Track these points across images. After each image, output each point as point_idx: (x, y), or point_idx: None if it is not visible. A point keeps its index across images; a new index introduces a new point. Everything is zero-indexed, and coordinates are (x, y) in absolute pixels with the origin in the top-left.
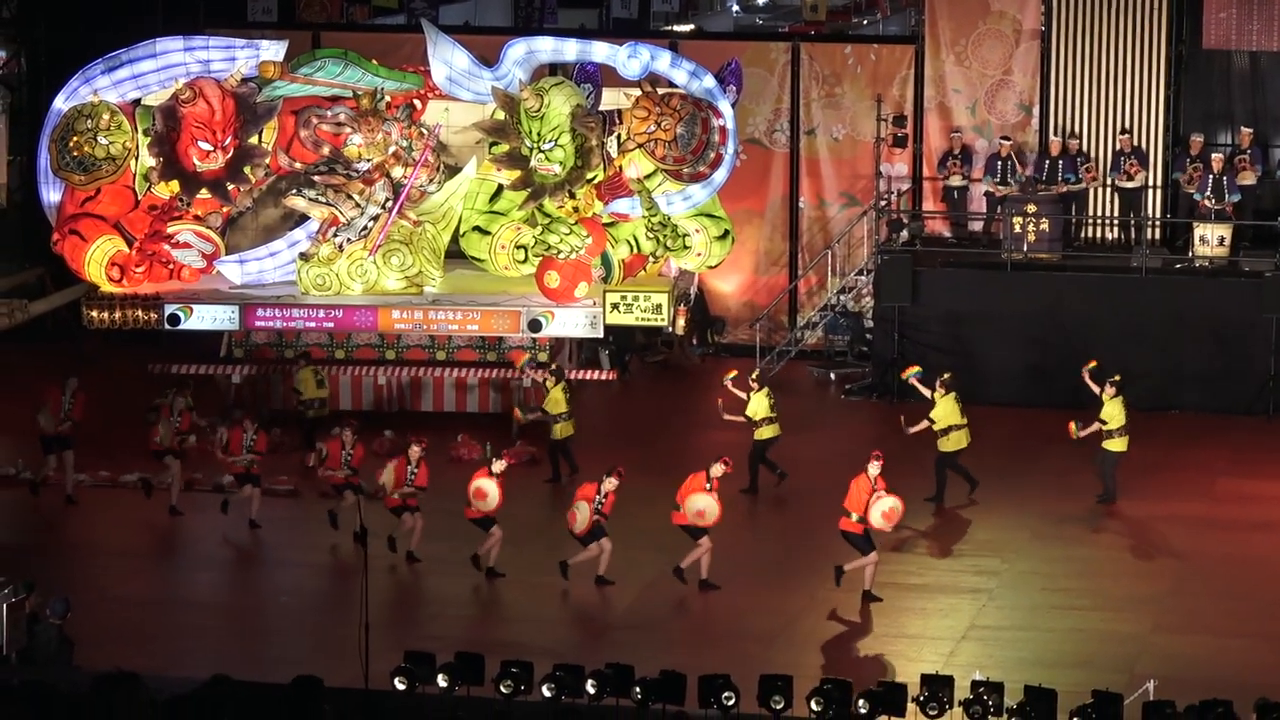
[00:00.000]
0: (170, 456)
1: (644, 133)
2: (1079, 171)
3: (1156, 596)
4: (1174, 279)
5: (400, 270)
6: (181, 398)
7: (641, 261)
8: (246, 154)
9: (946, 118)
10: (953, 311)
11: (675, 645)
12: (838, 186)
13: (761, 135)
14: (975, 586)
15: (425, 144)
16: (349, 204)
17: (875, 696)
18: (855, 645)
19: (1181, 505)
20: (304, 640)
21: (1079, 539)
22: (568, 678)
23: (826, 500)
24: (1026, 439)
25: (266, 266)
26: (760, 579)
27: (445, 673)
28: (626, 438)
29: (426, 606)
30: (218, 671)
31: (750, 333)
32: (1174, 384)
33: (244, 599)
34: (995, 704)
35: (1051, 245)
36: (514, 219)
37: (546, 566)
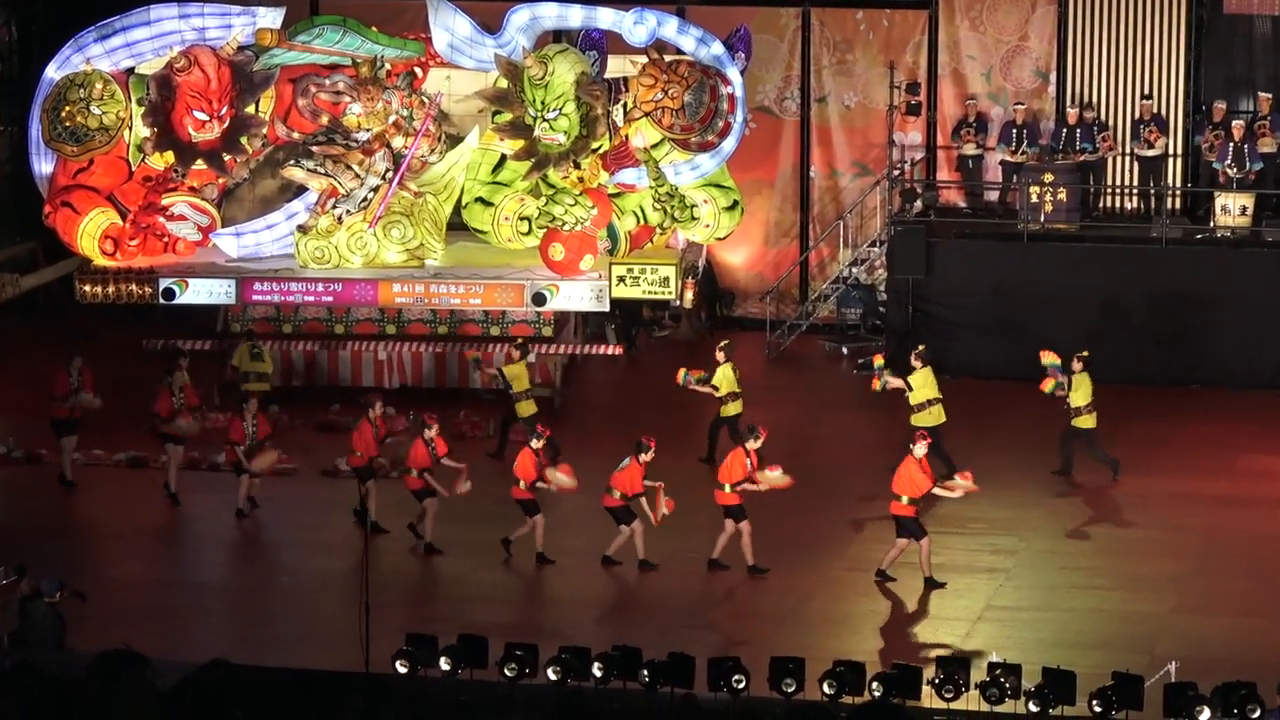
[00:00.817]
0: (172, 443)
1: (650, 101)
2: (1096, 141)
3: (1178, 576)
4: (1195, 250)
5: (401, 243)
6: (179, 372)
7: (648, 233)
8: (243, 124)
9: (961, 85)
10: (968, 284)
11: (683, 627)
12: (850, 156)
13: (771, 103)
14: (992, 566)
15: (426, 113)
16: (348, 175)
17: (889, 679)
18: (869, 626)
19: (1202, 482)
20: (304, 622)
21: (1098, 517)
22: (574, 660)
23: (838, 477)
24: (1044, 415)
25: (264, 239)
26: (771, 558)
27: (448, 655)
28: (633, 414)
29: (429, 588)
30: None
31: (760, 306)
32: (1194, 358)
33: (243, 580)
34: (1012, 686)
35: (1069, 215)
36: (517, 190)
37: (552, 547)
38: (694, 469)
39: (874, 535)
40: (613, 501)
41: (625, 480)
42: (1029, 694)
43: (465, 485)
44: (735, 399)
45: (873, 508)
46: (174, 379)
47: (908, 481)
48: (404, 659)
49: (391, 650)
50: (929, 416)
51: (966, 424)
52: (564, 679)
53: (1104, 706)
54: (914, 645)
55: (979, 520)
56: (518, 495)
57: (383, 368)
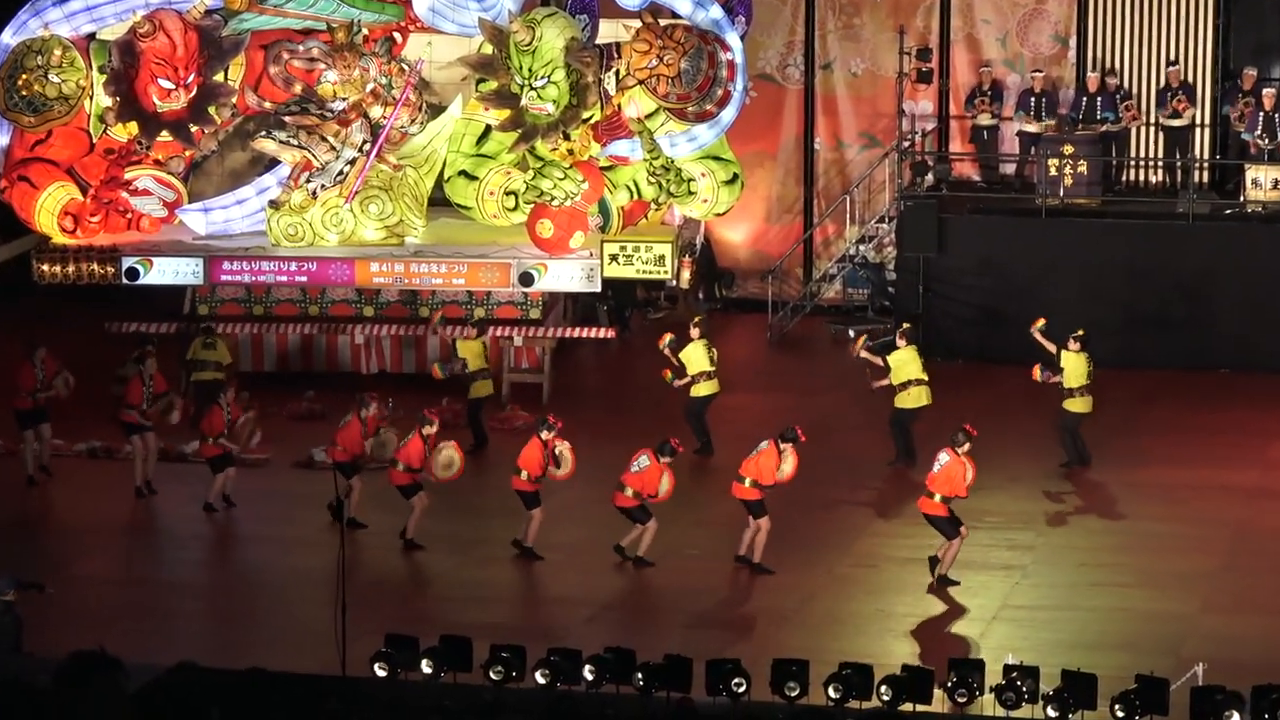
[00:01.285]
0: (139, 435)
1: (645, 68)
2: (1119, 110)
3: (1206, 572)
4: (1224, 226)
5: (379, 219)
6: (151, 359)
7: (642, 209)
8: (211, 93)
9: (975, 50)
10: (982, 262)
11: (680, 627)
12: (856, 126)
13: (773, 70)
14: (1008, 562)
15: (406, 81)
16: (323, 147)
17: (899, 682)
18: (877, 627)
19: (1231, 473)
20: (277, 623)
21: (1120, 510)
22: (563, 663)
23: (844, 468)
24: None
25: (233, 215)
26: (773, 554)
27: (429, 658)
28: (626, 401)
29: (409, 586)
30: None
31: (761, 286)
32: (1222, 341)
33: (211, 578)
34: (1030, 690)
35: (1090, 189)
36: (503, 163)
37: (540, 543)
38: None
39: (883, 530)
40: (627, 501)
41: (643, 481)
42: (1047, 698)
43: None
44: (708, 379)
45: (882, 500)
46: (146, 367)
47: (946, 479)
48: (383, 661)
49: (369, 652)
50: (909, 398)
51: (980, 411)
52: (553, 683)
53: (1127, 711)
54: (925, 646)
55: (995, 514)
56: (519, 486)
57: (360, 352)
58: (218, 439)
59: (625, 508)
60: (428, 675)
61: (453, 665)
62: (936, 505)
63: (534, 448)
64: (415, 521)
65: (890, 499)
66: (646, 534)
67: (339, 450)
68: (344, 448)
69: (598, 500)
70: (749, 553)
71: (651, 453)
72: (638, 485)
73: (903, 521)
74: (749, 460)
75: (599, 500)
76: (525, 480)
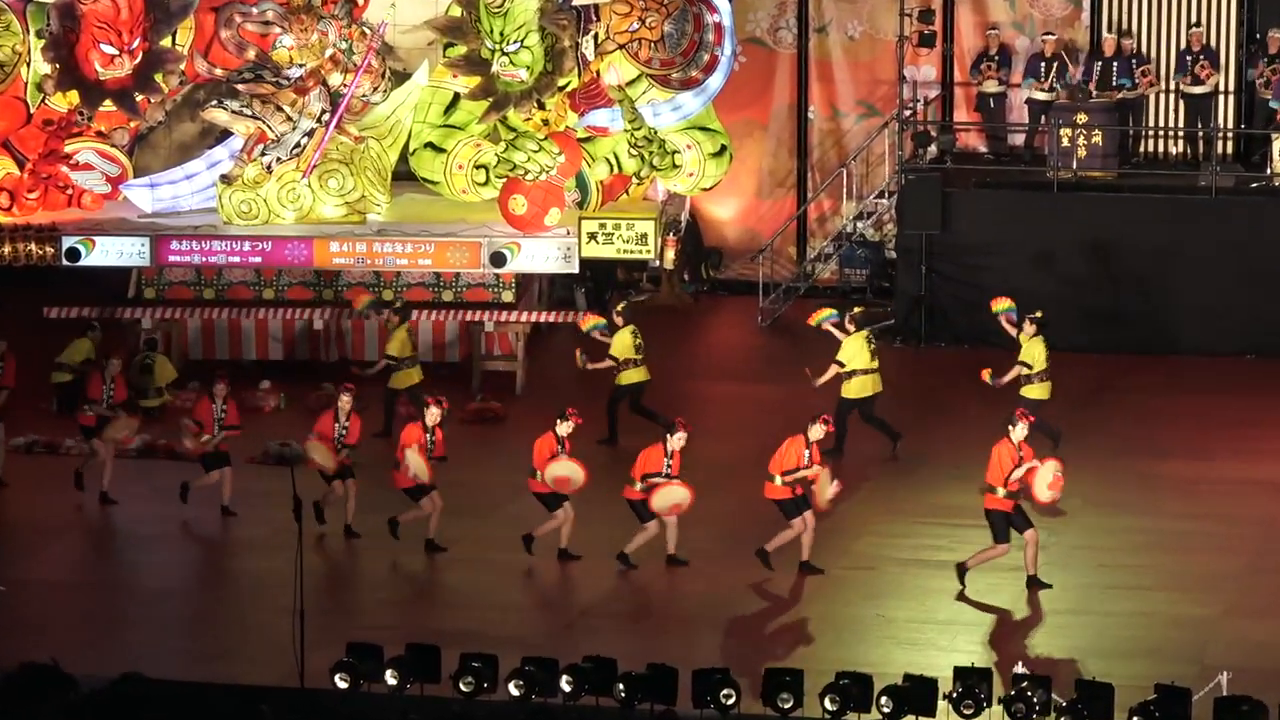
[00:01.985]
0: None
1: (626, 31)
2: (1135, 76)
3: (1232, 574)
4: (1250, 200)
5: (339, 195)
6: (116, 359)
7: (623, 183)
8: (158, 59)
9: (981, 12)
10: (989, 240)
11: (665, 634)
12: (854, 94)
13: (764, 34)
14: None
15: (368, 46)
16: (279, 117)
17: (900, 693)
18: (877, 633)
19: (1259, 467)
20: (231, 631)
21: (1139, 507)
22: (539, 673)
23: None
24: (1077, 390)
25: (182, 191)
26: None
27: (394, 668)
28: (606, 391)
29: (372, 591)
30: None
31: (752, 267)
32: (1250, 324)
33: (161, 582)
34: (1042, 701)
35: (1105, 161)
36: (473, 134)
37: (511, 542)
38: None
39: (882, 530)
40: (636, 494)
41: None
42: (1060, 709)
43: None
44: (636, 366)
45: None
46: (109, 366)
47: (999, 468)
48: (344, 672)
49: (330, 662)
50: (853, 388)
51: (989, 401)
52: (528, 694)
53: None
54: (928, 654)
55: None
56: (536, 489)
57: (319, 339)
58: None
59: (633, 500)
60: (392, 687)
61: (419, 676)
62: (999, 500)
63: (546, 444)
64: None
65: (889, 497)
66: (641, 535)
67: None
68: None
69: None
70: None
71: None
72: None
73: (903, 521)
74: (776, 457)
75: (577, 499)
76: (542, 482)
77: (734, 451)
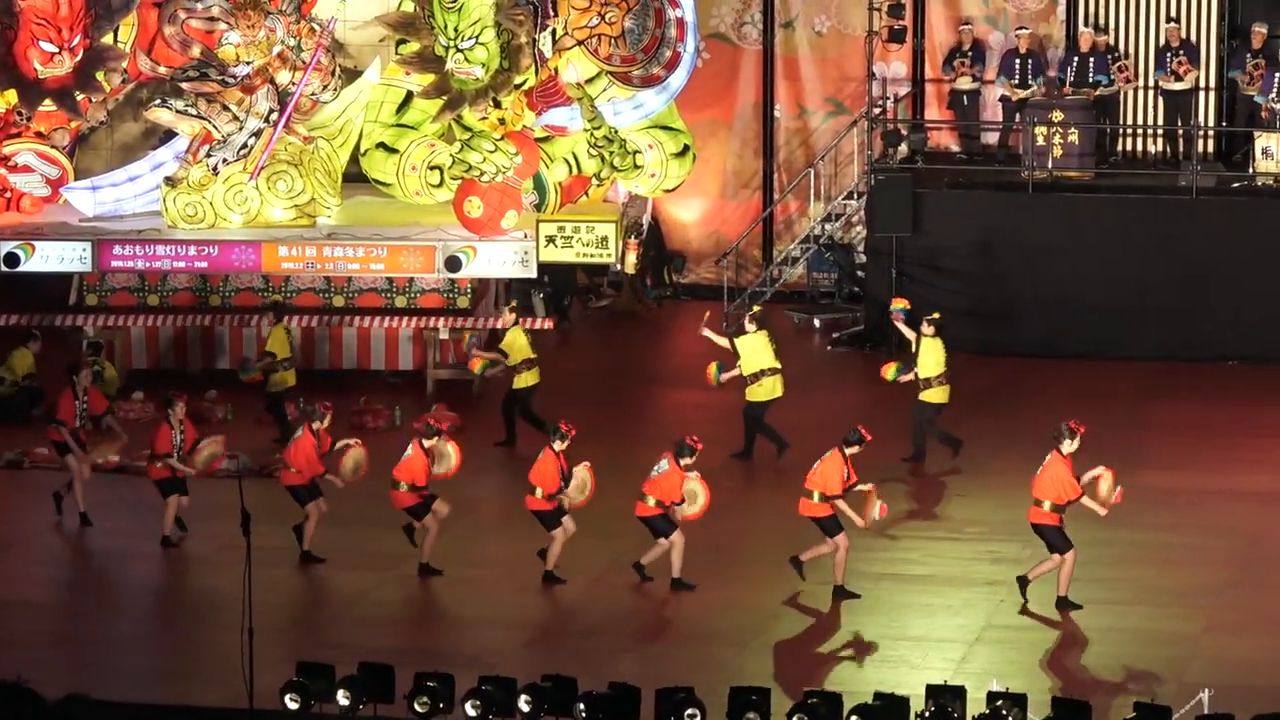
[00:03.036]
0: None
1: (585, 27)
2: (1112, 71)
3: (1212, 588)
4: (1231, 201)
5: (288, 197)
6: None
7: (583, 185)
8: (99, 56)
9: (953, 6)
10: (962, 243)
11: (627, 652)
12: (821, 91)
13: (728, 29)
14: (992, 578)
15: (317, 43)
16: (225, 117)
17: (871, 711)
18: (847, 650)
19: (1240, 477)
20: (179, 650)
21: (1117, 518)
22: (496, 693)
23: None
24: (1053, 396)
25: (125, 194)
26: (731, 570)
27: (347, 688)
28: (565, 399)
29: (324, 608)
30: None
31: (716, 270)
32: (1231, 329)
33: (105, 600)
34: (1016, 718)
35: (1082, 161)
36: (426, 134)
37: (468, 557)
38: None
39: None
40: (649, 510)
41: (664, 487)
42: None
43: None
44: (530, 368)
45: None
46: (79, 379)
47: (1051, 483)
48: (295, 692)
49: (280, 682)
50: (761, 390)
51: (960, 409)
52: (485, 714)
53: None
54: (899, 672)
55: (977, 524)
56: (534, 506)
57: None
58: (165, 459)
59: (647, 518)
60: (344, 707)
61: (373, 696)
62: (1045, 514)
63: (547, 461)
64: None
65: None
66: (674, 551)
67: (291, 473)
68: (296, 469)
69: (492, 515)
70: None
71: (670, 455)
72: (660, 493)
73: (875, 534)
74: (813, 473)
75: (493, 515)
76: (540, 499)
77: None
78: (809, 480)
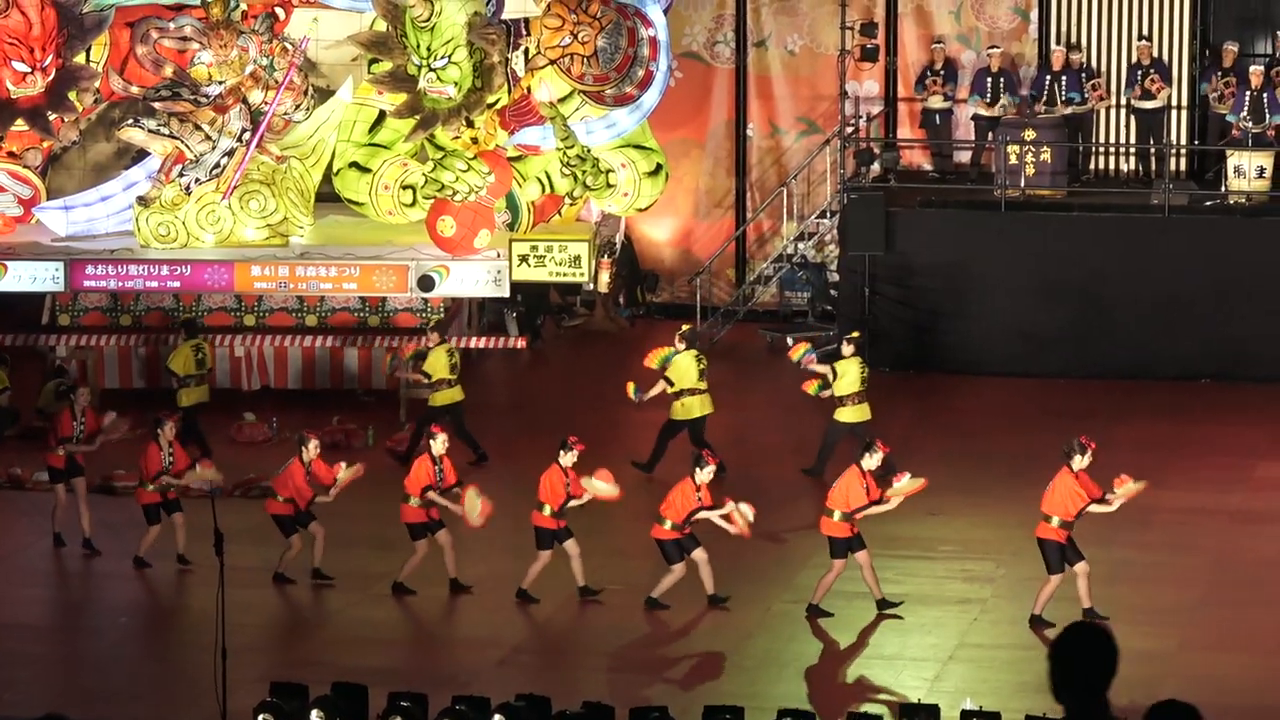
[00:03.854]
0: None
1: (557, 46)
2: (1085, 89)
3: (1184, 606)
4: (1204, 220)
5: (261, 217)
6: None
7: (556, 204)
8: (71, 76)
9: (926, 25)
10: (935, 261)
11: (601, 671)
12: (794, 110)
13: (701, 48)
14: (964, 596)
15: (290, 62)
16: (197, 136)
17: None
18: (821, 669)
19: (1213, 495)
20: (148, 669)
21: (1091, 536)
22: (470, 712)
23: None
24: (1025, 415)
25: (97, 214)
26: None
27: (320, 708)
28: (538, 419)
29: (297, 627)
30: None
31: (689, 289)
32: (1203, 347)
33: (77, 620)
34: None
35: (1054, 179)
36: (399, 153)
37: (443, 576)
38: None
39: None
40: (664, 533)
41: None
42: None
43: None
44: (449, 386)
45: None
46: (76, 397)
47: (1061, 499)
48: (268, 713)
49: (253, 702)
50: (682, 409)
51: (932, 428)
52: None
53: None
54: (873, 690)
55: (949, 542)
56: (540, 523)
57: (240, 366)
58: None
59: (661, 540)
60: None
61: (346, 715)
62: (1053, 530)
63: (554, 476)
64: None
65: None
66: (703, 569)
67: (278, 502)
68: (284, 497)
69: (506, 530)
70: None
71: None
72: (675, 514)
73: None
74: (833, 491)
75: (507, 530)
76: (548, 516)
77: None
78: (830, 498)
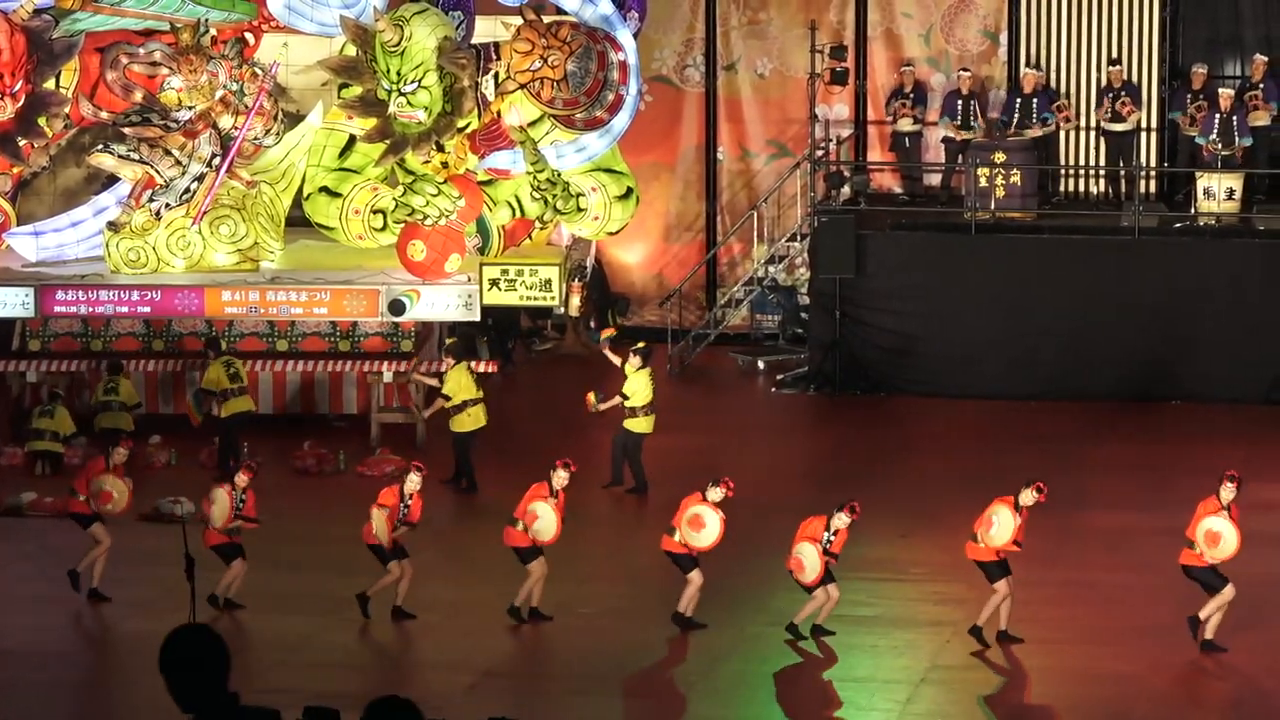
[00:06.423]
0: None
1: (527, 70)
2: (1054, 111)
3: (1155, 628)
4: (1173, 241)
5: (231, 241)
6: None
7: (526, 228)
8: (41, 102)
9: (895, 48)
10: (905, 284)
11: (573, 694)
12: (764, 134)
13: (670, 72)
14: (936, 618)
15: (260, 87)
16: (167, 161)
17: None
18: (793, 691)
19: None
20: (119, 695)
21: (1060, 558)
22: None
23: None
24: (994, 437)
25: (67, 239)
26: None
27: None
28: (509, 443)
29: (269, 652)
30: None
31: (660, 313)
32: (1175, 368)
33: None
34: None
35: (1025, 202)
36: (369, 177)
37: (415, 600)
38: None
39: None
40: (675, 546)
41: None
42: None
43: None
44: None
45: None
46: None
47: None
48: None
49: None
50: (467, 420)
51: (903, 449)
52: None
53: None
54: (847, 711)
55: (920, 565)
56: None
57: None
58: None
59: (673, 553)
60: None
61: None
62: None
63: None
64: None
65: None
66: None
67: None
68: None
69: (477, 552)
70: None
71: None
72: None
73: None
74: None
75: (478, 552)
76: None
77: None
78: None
